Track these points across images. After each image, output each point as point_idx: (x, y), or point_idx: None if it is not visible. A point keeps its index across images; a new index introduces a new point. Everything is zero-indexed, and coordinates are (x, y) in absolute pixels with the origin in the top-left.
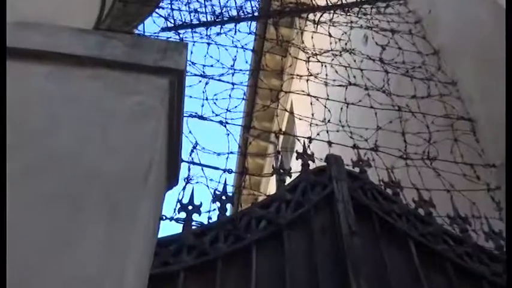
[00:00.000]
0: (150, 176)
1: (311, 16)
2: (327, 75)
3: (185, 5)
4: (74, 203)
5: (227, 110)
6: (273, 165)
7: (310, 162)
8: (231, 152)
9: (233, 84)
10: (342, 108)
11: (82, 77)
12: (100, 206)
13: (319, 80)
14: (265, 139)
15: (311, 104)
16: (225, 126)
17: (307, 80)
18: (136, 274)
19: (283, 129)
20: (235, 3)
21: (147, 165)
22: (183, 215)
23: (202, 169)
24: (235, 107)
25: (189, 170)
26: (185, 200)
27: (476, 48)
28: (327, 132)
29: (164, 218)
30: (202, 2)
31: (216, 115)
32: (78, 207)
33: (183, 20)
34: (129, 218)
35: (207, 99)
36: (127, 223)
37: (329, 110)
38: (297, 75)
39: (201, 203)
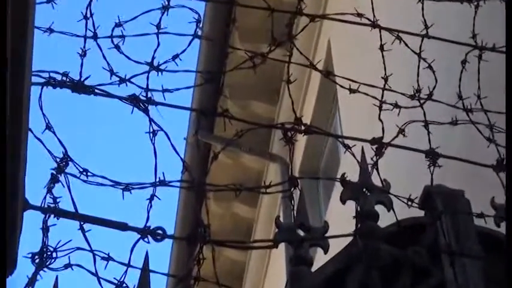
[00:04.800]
0: None
1: None
2: None
3: None
4: None
5: (151, 66)
6: (277, 218)
7: (379, 207)
8: (163, 182)
9: None
10: (465, 63)
11: None
12: None
13: None
14: (257, 149)
15: (381, 49)
16: (146, 110)
17: None
18: None
19: (308, 120)
20: None
21: None
22: None
23: (81, 228)
24: (174, 58)
25: (45, 232)
26: None
27: None
28: (426, 126)
29: None
30: None
31: (121, 80)
32: None
33: None
34: None
35: (95, 37)
36: None
37: (430, 66)
38: None
39: None
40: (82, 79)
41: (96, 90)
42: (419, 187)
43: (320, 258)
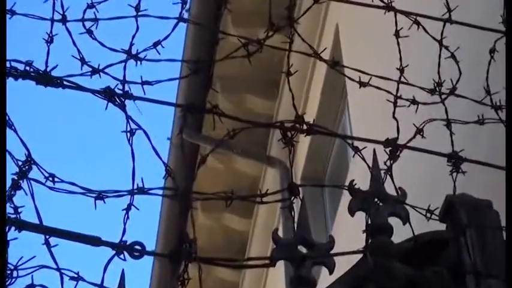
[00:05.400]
0: None
1: None
2: None
3: None
4: None
5: (128, 54)
6: (274, 232)
7: (393, 220)
8: (141, 190)
9: None
10: (494, 53)
11: None
12: None
13: None
14: (252, 152)
15: (396, 35)
16: (122, 106)
17: None
18: None
19: (311, 118)
20: None
21: None
22: None
23: (46, 242)
24: (156, 45)
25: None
26: None
27: None
28: (448, 125)
29: None
30: None
31: (94, 71)
32: None
33: None
34: None
35: (64, 20)
36: None
37: (453, 55)
38: None
39: None
40: (48, 69)
41: (64, 82)
42: (440, 196)
43: (325, 279)
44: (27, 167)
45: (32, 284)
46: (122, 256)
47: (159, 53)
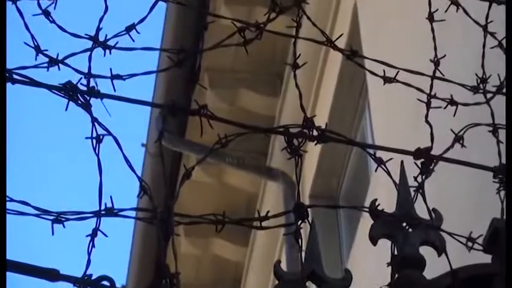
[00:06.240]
0: None
1: None
2: None
3: None
4: None
5: (95, 42)
6: (277, 265)
7: (425, 250)
8: (110, 211)
9: None
10: None
11: None
12: None
13: None
14: (249, 163)
15: (430, 19)
16: (87, 106)
17: None
18: None
19: (323, 122)
20: None
21: None
22: None
23: None
24: (129, 30)
25: None
26: None
27: None
28: (494, 131)
29: None
30: None
31: (51, 62)
32: None
33: None
34: None
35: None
36: None
37: (500, 44)
38: None
39: None
40: None
41: (14, 76)
42: (484, 221)
43: None
44: None
45: None
46: None
47: (133, 40)
